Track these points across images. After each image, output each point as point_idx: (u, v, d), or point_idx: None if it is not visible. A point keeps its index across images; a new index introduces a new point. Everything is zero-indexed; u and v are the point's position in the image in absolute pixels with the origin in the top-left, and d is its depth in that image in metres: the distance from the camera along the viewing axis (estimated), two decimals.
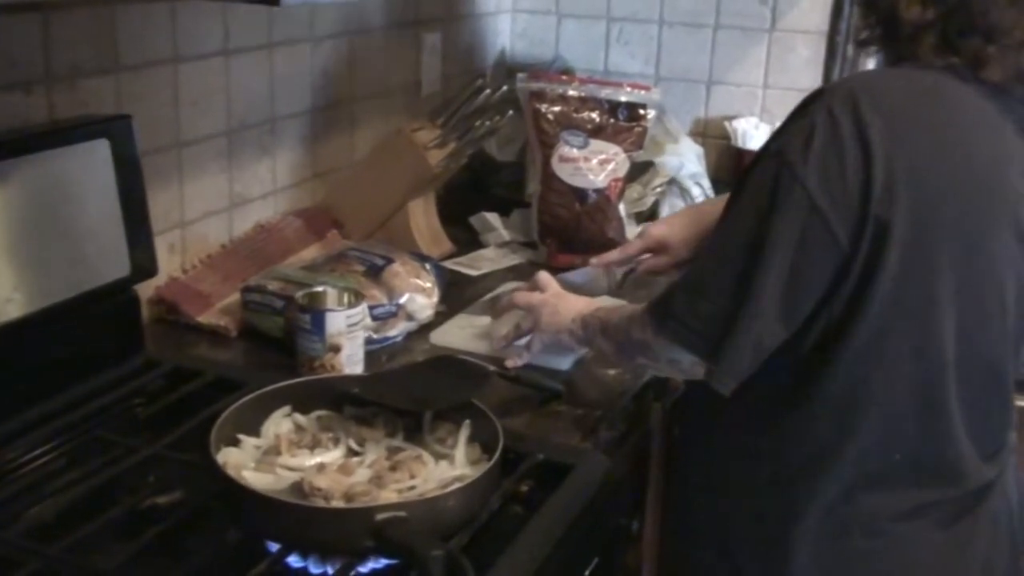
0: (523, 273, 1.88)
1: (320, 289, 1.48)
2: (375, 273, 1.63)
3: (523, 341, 1.53)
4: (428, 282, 1.67)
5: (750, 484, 1.31)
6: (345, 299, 1.48)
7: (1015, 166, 1.21)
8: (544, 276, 1.56)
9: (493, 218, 2.09)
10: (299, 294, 1.47)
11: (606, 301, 1.60)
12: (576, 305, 1.48)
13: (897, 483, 1.25)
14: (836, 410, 1.23)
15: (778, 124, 2.29)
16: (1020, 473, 1.38)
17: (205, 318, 1.61)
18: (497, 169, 2.21)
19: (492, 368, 1.40)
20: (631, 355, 1.35)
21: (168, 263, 1.64)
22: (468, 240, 2.07)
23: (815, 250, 1.14)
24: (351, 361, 1.44)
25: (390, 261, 1.66)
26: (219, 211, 1.75)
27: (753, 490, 1.31)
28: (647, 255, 1.65)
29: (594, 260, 1.66)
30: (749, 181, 1.20)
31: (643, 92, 2.00)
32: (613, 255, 1.67)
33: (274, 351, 1.54)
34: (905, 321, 1.19)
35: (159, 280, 1.60)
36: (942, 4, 1.18)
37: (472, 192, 2.20)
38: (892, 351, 1.20)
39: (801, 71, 2.38)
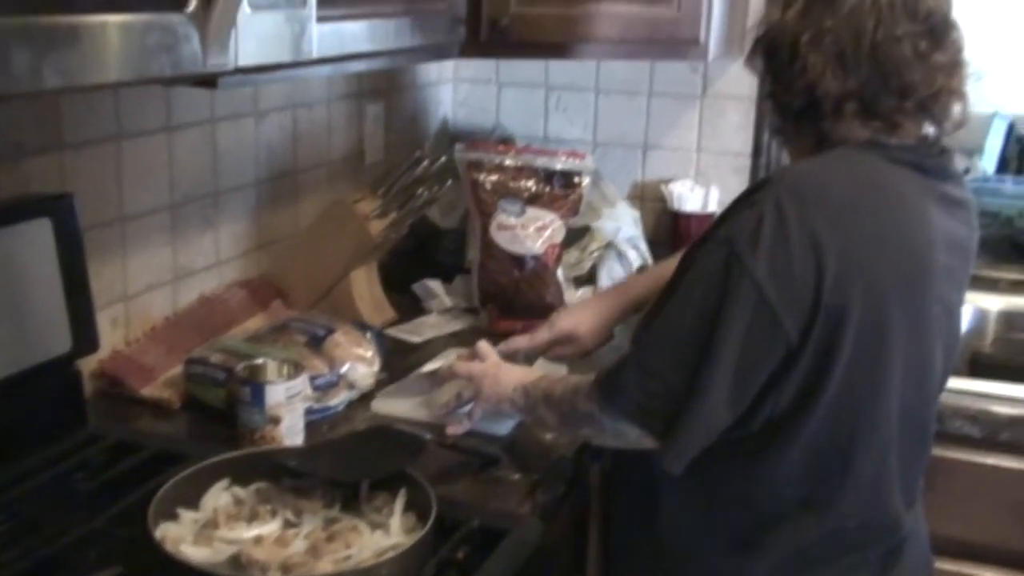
0: (465, 339, 1.92)
1: (260, 361, 1.51)
2: (316, 343, 1.66)
3: (465, 409, 1.56)
4: (369, 351, 1.70)
5: (695, 549, 1.35)
6: (285, 371, 1.51)
7: (939, 242, 1.30)
8: (484, 345, 1.60)
9: (435, 285, 2.13)
10: (239, 366, 1.50)
11: (549, 368, 1.65)
12: (517, 374, 1.52)
13: (848, 545, 1.32)
14: (788, 483, 1.29)
15: (713, 188, 2.38)
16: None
17: (148, 391, 1.63)
18: (440, 236, 2.26)
19: (429, 436, 1.43)
20: (575, 425, 1.39)
21: (111, 336, 1.66)
22: (411, 307, 2.11)
23: (763, 340, 1.20)
24: (291, 432, 1.47)
25: (331, 331, 1.69)
26: (163, 284, 1.78)
27: (698, 555, 1.35)
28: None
29: (502, 346, 1.67)
30: (697, 265, 1.26)
31: (577, 160, 2.06)
32: (522, 342, 1.69)
33: (217, 423, 1.56)
34: (859, 401, 1.26)
35: (102, 353, 1.62)
36: (858, 71, 1.25)
37: (415, 259, 2.24)
38: (845, 428, 1.27)
39: (733, 135, 2.46)
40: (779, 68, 1.31)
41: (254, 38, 1.18)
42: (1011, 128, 3.50)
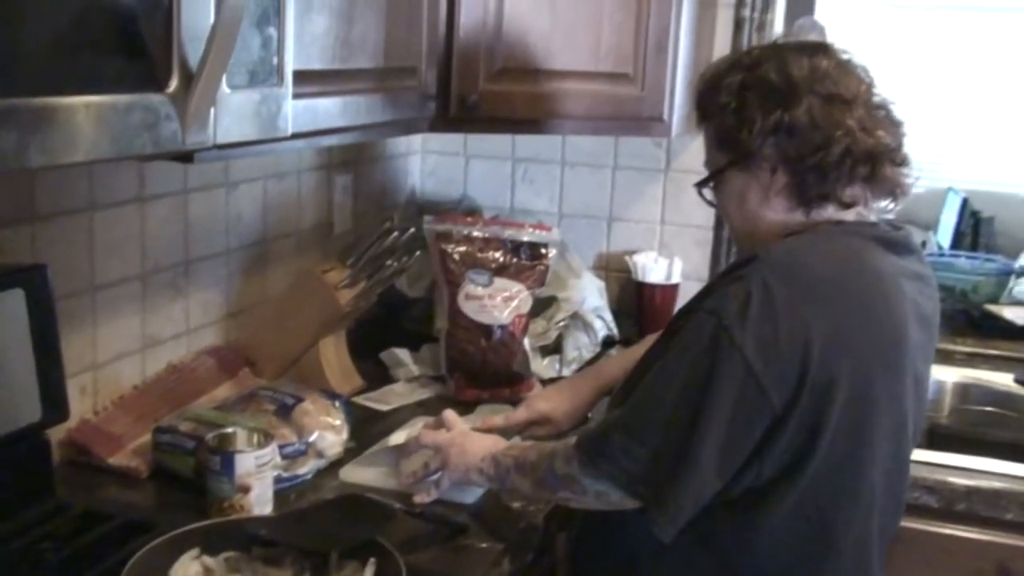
0: (432, 407, 1.94)
1: (230, 430, 1.53)
2: (285, 412, 1.67)
3: (432, 478, 1.58)
4: (337, 419, 1.72)
5: None
6: (255, 440, 1.52)
7: (911, 317, 1.36)
8: (450, 414, 1.63)
9: (403, 353, 2.15)
10: (209, 436, 1.51)
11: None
12: (484, 444, 1.54)
13: None
14: (770, 552, 1.32)
15: (676, 259, 2.42)
16: None
17: (116, 460, 1.63)
18: (408, 305, 2.28)
19: (398, 505, 1.45)
20: (552, 489, 1.41)
21: (80, 405, 1.67)
22: (379, 375, 2.13)
23: (750, 411, 1.24)
24: (260, 501, 1.48)
25: (300, 400, 1.71)
26: (132, 352, 1.79)
27: None
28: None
29: (479, 424, 1.71)
30: (683, 336, 1.30)
31: (544, 232, 2.11)
32: (498, 422, 1.73)
33: (185, 492, 1.56)
34: (843, 472, 1.30)
35: (71, 422, 1.62)
36: (844, 140, 1.32)
37: (383, 327, 2.26)
38: (829, 498, 1.30)
39: (695, 208, 2.49)
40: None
41: (232, 116, 1.21)
42: (965, 203, 3.60)
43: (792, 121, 1.32)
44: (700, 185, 1.45)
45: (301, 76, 1.36)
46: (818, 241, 1.34)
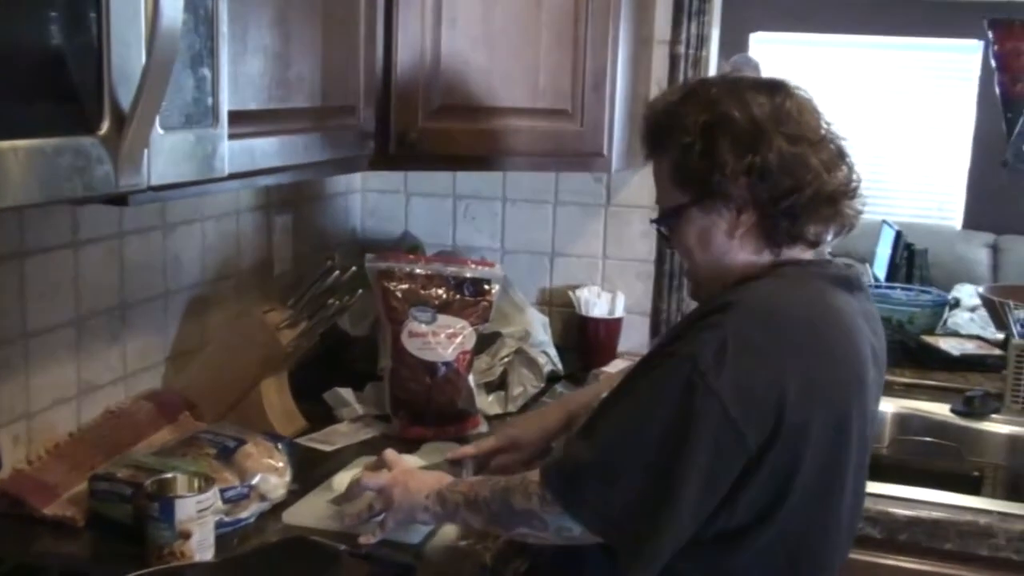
0: (377, 447, 1.91)
1: (169, 475, 1.50)
2: (227, 455, 1.65)
3: (377, 519, 1.56)
4: (280, 461, 1.69)
5: None
6: (195, 484, 1.49)
7: (868, 356, 1.39)
8: (390, 453, 1.62)
9: (347, 393, 2.13)
10: (148, 481, 1.48)
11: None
12: (428, 481, 1.53)
13: None
14: None
15: (619, 294, 2.42)
16: None
17: (51, 509, 1.59)
18: (350, 344, 2.27)
19: (342, 547, 1.43)
20: (509, 525, 1.40)
21: (12, 455, 1.63)
22: (322, 415, 2.10)
23: (727, 456, 1.25)
24: (202, 547, 1.45)
25: (241, 442, 1.68)
26: (67, 399, 1.76)
27: None
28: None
29: (450, 455, 1.73)
30: (655, 381, 1.31)
31: (487, 268, 2.11)
32: (469, 450, 1.75)
33: (124, 540, 1.52)
34: (815, 510, 1.33)
35: (3, 473, 1.59)
36: (814, 182, 1.34)
37: (326, 367, 2.24)
38: (800, 536, 1.31)
39: (637, 243, 2.54)
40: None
41: (166, 158, 1.20)
42: (899, 236, 3.68)
43: (764, 164, 1.32)
44: (658, 222, 1.45)
45: (237, 116, 1.36)
46: (788, 286, 1.36)
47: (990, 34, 5.24)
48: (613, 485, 1.28)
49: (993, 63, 5.35)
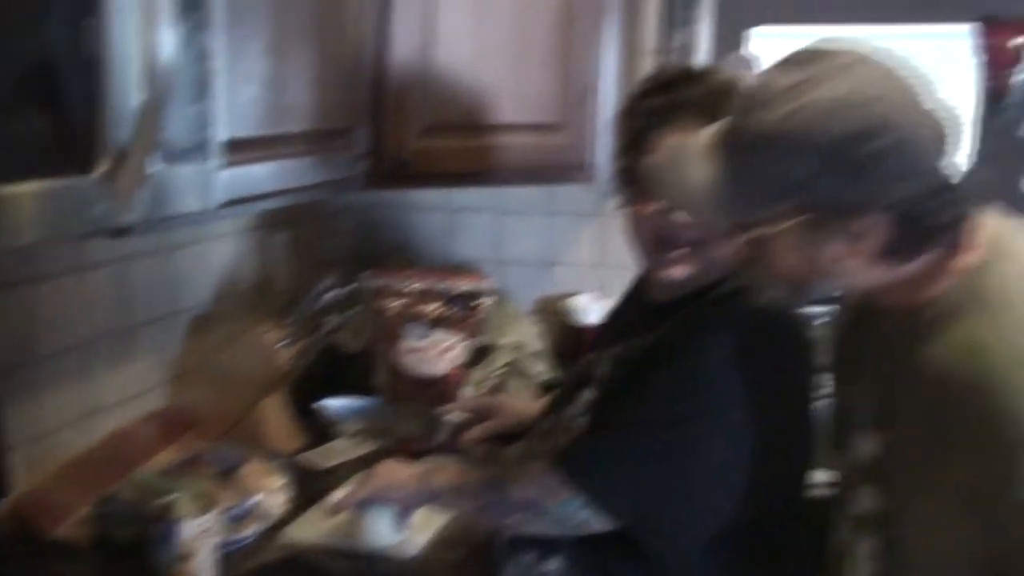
0: (374, 462, 1.94)
1: (172, 498, 1.53)
2: (228, 475, 1.69)
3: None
4: (279, 480, 1.73)
5: None
6: (197, 506, 1.53)
7: None
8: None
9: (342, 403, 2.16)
10: (151, 504, 1.52)
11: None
12: (414, 468, 1.56)
13: None
14: None
15: (614, 301, 2.44)
16: None
17: (60, 531, 1.63)
18: (348, 359, 2.30)
19: (341, 567, 1.46)
20: (502, 515, 1.44)
21: (21, 478, 1.66)
22: (320, 432, 2.13)
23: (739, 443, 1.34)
24: (203, 568, 1.48)
25: (242, 461, 1.72)
26: (74, 421, 1.79)
27: None
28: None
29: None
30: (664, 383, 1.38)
31: (479, 282, 2.14)
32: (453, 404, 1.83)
33: (129, 561, 1.56)
34: None
35: (12, 496, 1.62)
36: None
37: (324, 382, 2.27)
38: None
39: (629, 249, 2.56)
40: None
41: (164, 191, 1.22)
42: None
43: None
44: None
45: (233, 144, 1.39)
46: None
47: (977, 32, 5.23)
48: (640, 471, 1.35)
49: (979, 59, 5.33)
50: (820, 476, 1.45)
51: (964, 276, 1.16)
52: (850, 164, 1.08)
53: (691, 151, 1.20)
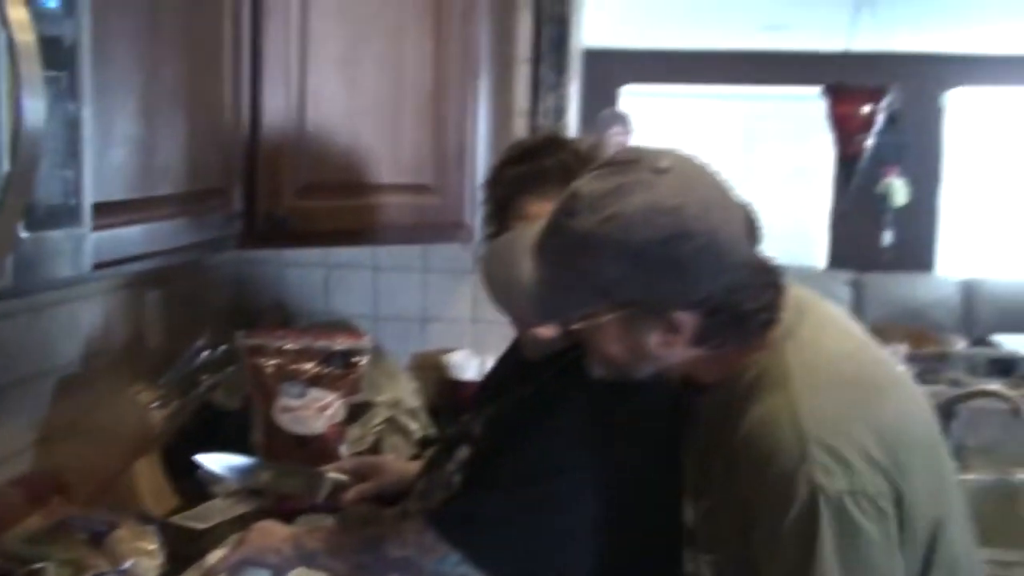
0: (252, 522, 1.93)
1: (39, 566, 1.51)
2: (98, 540, 1.66)
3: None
4: (152, 544, 1.71)
5: None
6: (67, 573, 1.50)
7: None
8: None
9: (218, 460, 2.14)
10: (18, 572, 1.49)
11: None
12: (287, 529, 1.59)
13: None
14: None
15: (489, 357, 2.49)
16: None
17: None
18: (224, 418, 2.28)
19: None
20: (378, 573, 1.45)
21: None
22: (196, 491, 2.11)
23: None
24: None
25: (113, 526, 1.69)
26: None
27: None
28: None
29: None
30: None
31: (356, 340, 2.17)
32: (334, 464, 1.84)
33: None
34: None
35: None
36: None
37: (200, 442, 2.25)
38: None
39: None
40: None
41: (32, 258, 1.22)
42: None
43: None
44: None
45: (103, 208, 1.38)
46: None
47: (825, 98, 5.49)
48: (512, 526, 1.38)
49: (830, 124, 5.60)
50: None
51: (770, 348, 1.27)
52: (660, 265, 1.18)
53: (517, 249, 1.29)
